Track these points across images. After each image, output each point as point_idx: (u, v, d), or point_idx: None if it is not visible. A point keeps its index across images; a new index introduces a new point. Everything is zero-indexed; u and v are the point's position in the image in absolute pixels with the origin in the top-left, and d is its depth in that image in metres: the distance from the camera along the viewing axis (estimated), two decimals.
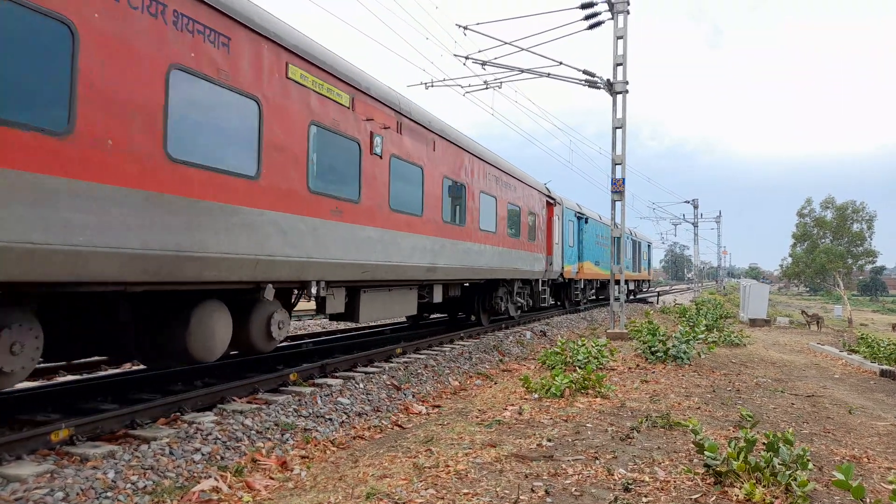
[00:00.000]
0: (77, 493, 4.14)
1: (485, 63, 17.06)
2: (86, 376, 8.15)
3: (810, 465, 4.17)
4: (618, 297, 16.25)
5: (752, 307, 25.63)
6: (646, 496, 3.99)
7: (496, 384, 9.26)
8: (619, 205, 16.02)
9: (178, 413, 6.07)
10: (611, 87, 15.74)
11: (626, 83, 15.63)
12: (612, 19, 15.43)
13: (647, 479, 4.30)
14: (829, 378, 10.80)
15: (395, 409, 7.73)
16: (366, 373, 8.76)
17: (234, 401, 6.74)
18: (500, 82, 18.19)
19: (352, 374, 8.62)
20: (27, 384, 7.73)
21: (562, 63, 16.41)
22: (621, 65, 15.60)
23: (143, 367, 9.20)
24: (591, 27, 15.70)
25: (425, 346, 11.63)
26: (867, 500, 3.90)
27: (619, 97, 15.65)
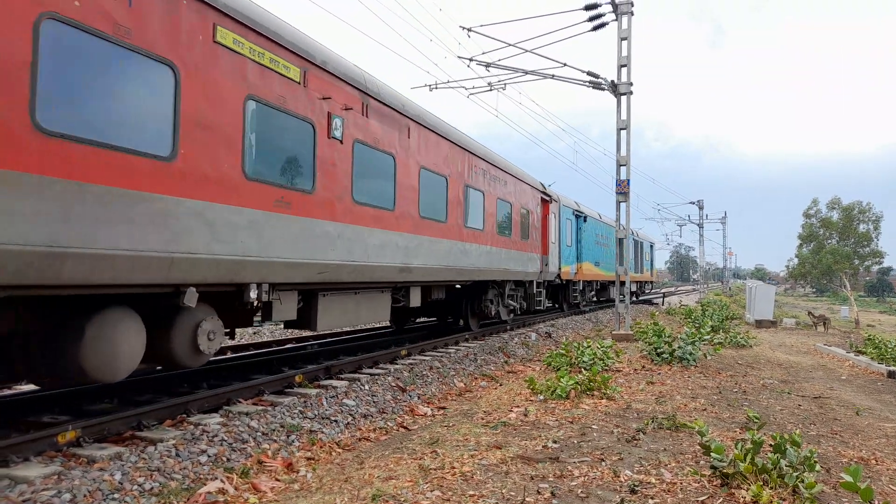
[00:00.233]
0: (84, 495, 4.16)
1: (489, 65, 17.08)
2: None
3: (818, 467, 4.16)
4: (623, 299, 16.23)
5: (758, 308, 25.55)
6: (652, 498, 3.98)
7: (501, 386, 9.25)
8: (623, 206, 16.00)
9: (185, 415, 6.10)
10: (615, 88, 15.73)
11: (631, 84, 15.62)
12: (616, 20, 15.43)
13: (653, 480, 4.29)
14: (836, 379, 10.75)
15: (400, 410, 7.74)
16: (371, 374, 8.77)
17: (239, 402, 6.76)
18: (504, 84, 18.21)
19: (357, 375, 8.63)
20: (33, 386, 7.76)
21: (566, 65, 16.41)
22: (625, 66, 15.58)
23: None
24: (595, 28, 15.70)
25: (430, 347, 11.64)
26: (875, 503, 3.88)
27: (624, 98, 15.65)
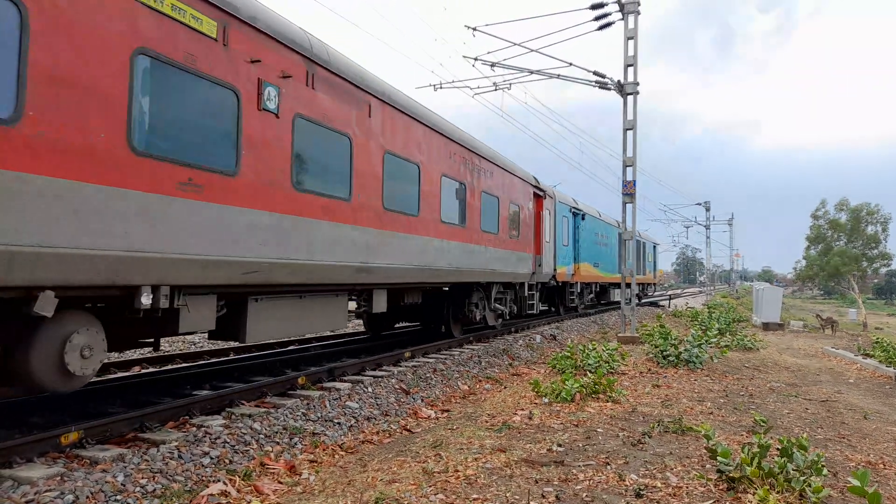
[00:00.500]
0: (87, 497, 4.15)
1: (494, 64, 17.07)
2: (95, 379, 8.19)
3: (825, 471, 4.11)
4: (629, 301, 16.16)
5: (765, 311, 25.45)
6: (658, 502, 3.94)
7: (506, 388, 9.21)
8: (629, 207, 15.93)
9: (187, 416, 6.08)
10: (621, 88, 15.68)
11: (637, 84, 15.56)
12: (623, 20, 15.38)
13: (659, 484, 4.25)
14: (844, 383, 10.66)
15: (403, 413, 7.71)
16: (374, 377, 8.74)
17: (242, 404, 6.75)
18: (510, 84, 18.19)
19: (360, 377, 8.61)
20: None
21: (571, 64, 16.38)
22: (632, 65, 15.53)
23: (151, 369, 9.27)
24: (602, 28, 15.66)
25: (434, 350, 11.61)
26: None
27: (630, 98, 15.59)
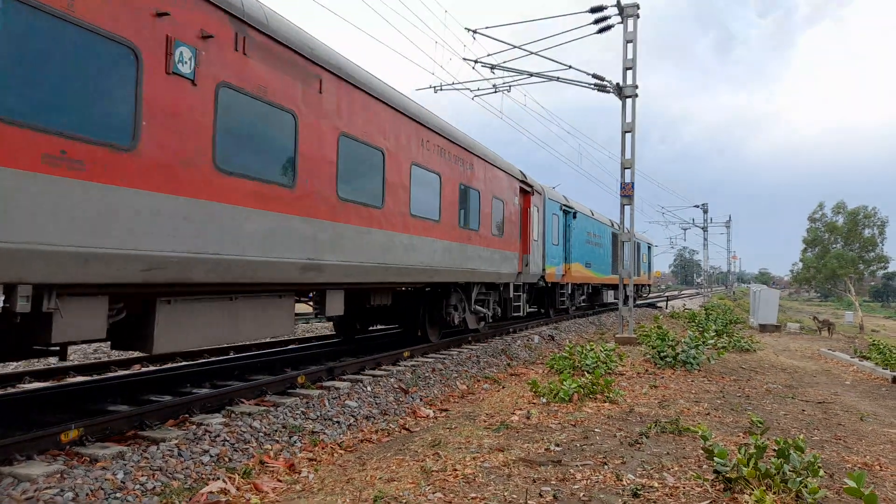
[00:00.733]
0: (87, 494, 4.16)
1: (494, 67, 17.10)
2: (95, 377, 8.21)
3: (821, 473, 4.14)
4: (626, 302, 16.20)
5: (762, 312, 25.51)
6: (654, 502, 3.97)
7: (504, 388, 9.24)
8: (628, 209, 15.99)
9: (187, 414, 6.10)
10: (620, 91, 15.72)
11: (636, 87, 15.60)
12: (622, 23, 15.42)
13: (656, 484, 4.28)
14: (841, 384, 10.70)
15: (402, 412, 7.73)
16: (373, 376, 8.76)
17: (242, 403, 6.77)
18: (509, 86, 18.24)
19: (359, 377, 8.63)
20: (37, 385, 7.80)
21: (571, 67, 16.42)
22: (631, 69, 15.58)
23: (152, 367, 9.28)
24: (601, 31, 15.70)
25: (433, 349, 11.63)
26: None
27: (629, 101, 15.63)
